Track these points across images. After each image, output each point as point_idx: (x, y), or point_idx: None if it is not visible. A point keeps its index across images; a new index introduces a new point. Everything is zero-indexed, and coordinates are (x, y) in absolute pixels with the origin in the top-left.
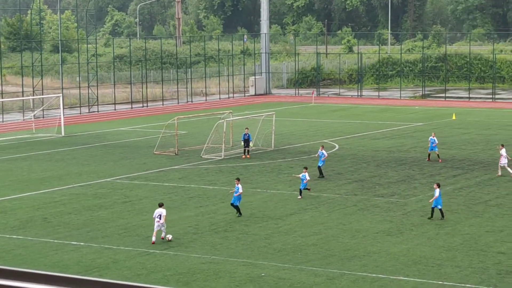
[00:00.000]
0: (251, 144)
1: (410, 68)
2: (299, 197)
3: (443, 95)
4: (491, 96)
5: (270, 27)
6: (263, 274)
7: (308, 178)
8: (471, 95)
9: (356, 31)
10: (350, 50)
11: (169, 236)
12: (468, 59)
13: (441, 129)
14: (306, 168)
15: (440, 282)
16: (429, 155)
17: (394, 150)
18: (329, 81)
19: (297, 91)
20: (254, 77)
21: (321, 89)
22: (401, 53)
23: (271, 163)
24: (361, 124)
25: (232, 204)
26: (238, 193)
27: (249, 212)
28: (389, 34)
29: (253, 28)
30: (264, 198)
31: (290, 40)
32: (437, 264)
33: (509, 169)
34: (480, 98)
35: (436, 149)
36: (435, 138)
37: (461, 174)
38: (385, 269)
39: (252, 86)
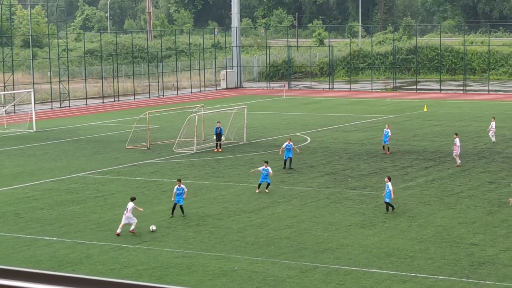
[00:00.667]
0: (223, 137)
1: (381, 61)
2: (257, 190)
3: (414, 87)
4: (462, 88)
5: (241, 21)
6: (236, 268)
7: (270, 172)
8: (442, 87)
9: (327, 24)
10: (321, 43)
11: (153, 227)
12: (439, 51)
13: (412, 121)
14: (267, 162)
15: (413, 274)
16: (385, 147)
17: (366, 143)
18: (300, 74)
19: (268, 85)
20: (225, 70)
21: (292, 82)
22: (372, 46)
23: (244, 156)
24: (332, 117)
25: (181, 206)
26: (185, 194)
27: (221, 205)
28: (360, 26)
29: (224, 22)
30: (237, 192)
31: (261, 34)
32: (410, 256)
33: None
34: (451, 90)
35: (387, 142)
36: (388, 130)
37: (433, 166)
38: (358, 262)
39: (224, 79)
